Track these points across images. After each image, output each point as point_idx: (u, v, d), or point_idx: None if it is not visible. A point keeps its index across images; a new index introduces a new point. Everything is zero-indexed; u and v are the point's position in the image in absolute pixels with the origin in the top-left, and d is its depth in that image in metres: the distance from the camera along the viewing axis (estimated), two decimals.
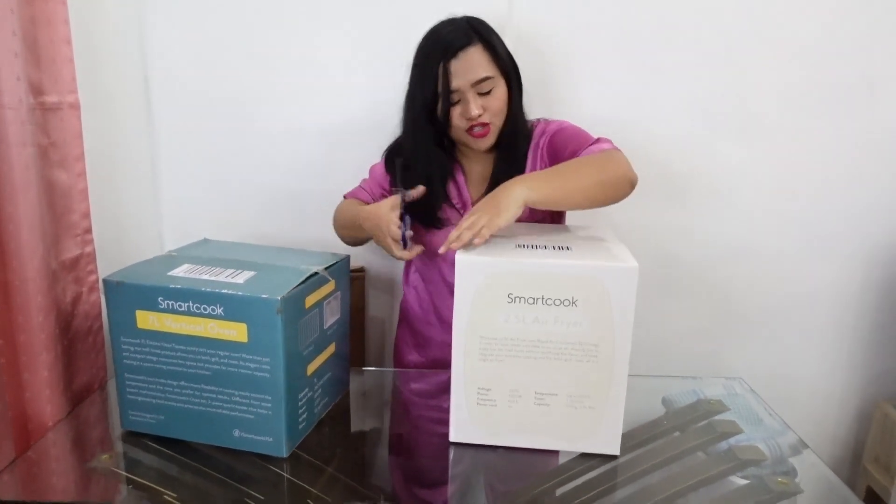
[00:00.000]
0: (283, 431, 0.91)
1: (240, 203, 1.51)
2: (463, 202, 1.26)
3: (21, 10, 1.01)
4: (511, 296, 0.88)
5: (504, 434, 0.93)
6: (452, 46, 1.12)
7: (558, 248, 0.93)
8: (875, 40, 1.41)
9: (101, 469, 0.89)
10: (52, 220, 1.10)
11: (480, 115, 1.14)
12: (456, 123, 1.16)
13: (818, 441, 1.62)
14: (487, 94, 1.15)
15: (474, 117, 1.14)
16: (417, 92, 1.17)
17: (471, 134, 1.16)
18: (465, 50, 1.13)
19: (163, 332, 0.90)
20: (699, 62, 1.42)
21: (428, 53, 1.15)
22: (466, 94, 1.13)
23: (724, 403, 1.08)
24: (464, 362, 0.91)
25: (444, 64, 1.12)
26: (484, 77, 1.13)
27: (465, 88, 1.13)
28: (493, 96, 1.15)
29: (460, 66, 1.12)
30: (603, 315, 0.88)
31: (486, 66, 1.14)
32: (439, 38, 1.14)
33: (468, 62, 1.13)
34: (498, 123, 1.18)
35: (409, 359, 1.35)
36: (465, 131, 1.17)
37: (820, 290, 1.55)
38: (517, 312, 0.88)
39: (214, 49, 1.42)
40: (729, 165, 1.48)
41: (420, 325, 1.33)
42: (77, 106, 1.16)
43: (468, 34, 1.14)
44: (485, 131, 1.16)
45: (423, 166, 1.21)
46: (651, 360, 1.56)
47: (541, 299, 0.87)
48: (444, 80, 1.12)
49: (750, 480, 0.89)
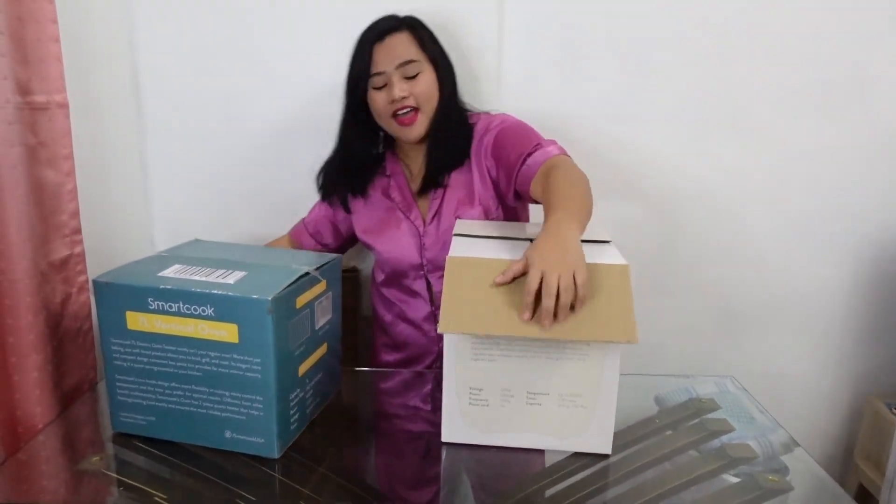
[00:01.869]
0: (275, 432, 0.90)
1: (231, 203, 1.50)
2: (406, 202, 1.26)
3: (8, 8, 1.00)
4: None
5: (496, 433, 0.93)
6: (379, 29, 1.16)
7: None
8: (867, 39, 1.41)
9: (92, 471, 0.89)
10: (40, 220, 1.09)
11: (405, 98, 1.14)
12: (381, 109, 1.17)
13: (809, 438, 1.63)
14: (413, 78, 1.15)
15: (397, 98, 1.14)
16: (347, 86, 1.20)
17: (397, 120, 1.17)
18: (392, 34, 1.16)
19: (153, 332, 0.90)
20: (691, 61, 1.42)
21: (358, 40, 1.18)
22: (391, 76, 1.14)
23: (715, 402, 1.09)
24: (455, 363, 0.91)
25: (370, 47, 1.15)
26: (409, 60, 1.15)
27: (390, 71, 1.14)
28: (420, 81, 1.16)
29: (385, 48, 1.15)
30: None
31: (413, 50, 1.16)
32: (370, 27, 1.18)
33: (393, 45, 1.15)
34: (428, 111, 1.17)
35: (387, 359, 1.35)
36: (391, 118, 1.17)
37: (810, 287, 1.56)
38: None
39: (205, 48, 1.41)
40: (720, 164, 1.48)
41: (391, 328, 1.33)
42: (65, 105, 1.15)
43: (397, 21, 1.18)
44: (412, 118, 1.16)
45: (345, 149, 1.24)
46: (643, 358, 1.56)
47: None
48: (366, 64, 1.15)
49: (741, 478, 0.89)
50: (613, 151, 1.47)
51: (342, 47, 1.42)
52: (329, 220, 1.35)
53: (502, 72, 1.43)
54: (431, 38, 1.20)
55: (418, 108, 1.16)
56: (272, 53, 1.42)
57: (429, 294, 1.26)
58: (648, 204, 1.50)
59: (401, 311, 1.30)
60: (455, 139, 1.21)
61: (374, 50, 1.14)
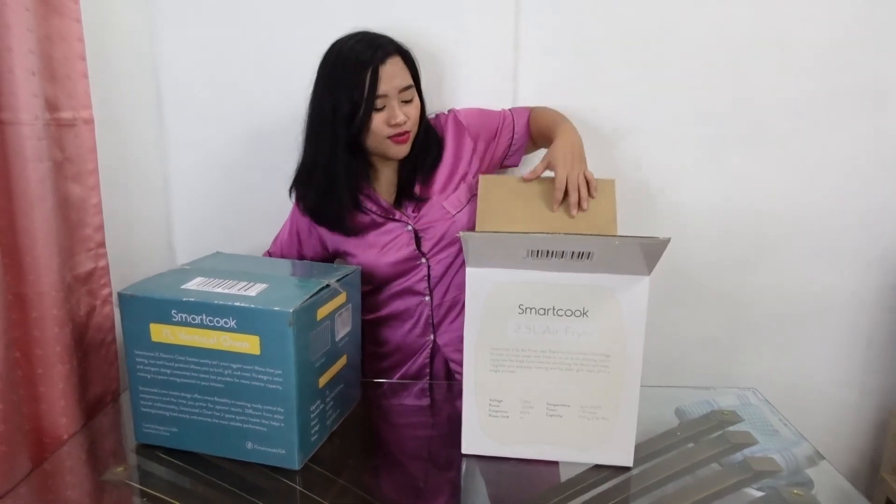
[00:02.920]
0: (296, 443, 0.91)
1: (252, 216, 1.51)
2: (382, 208, 1.26)
3: (37, 28, 1.03)
4: (522, 307, 0.88)
5: (516, 445, 0.93)
6: (381, 52, 1.15)
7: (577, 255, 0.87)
8: (883, 47, 1.40)
9: (116, 482, 0.90)
10: (66, 233, 1.12)
11: (405, 123, 1.17)
12: (377, 130, 1.17)
13: (834, 451, 1.60)
14: (408, 102, 1.19)
15: (400, 123, 1.16)
16: (335, 99, 1.16)
17: (392, 140, 1.18)
18: (392, 57, 1.16)
19: (176, 344, 0.91)
20: (707, 71, 1.42)
21: (353, 59, 1.15)
22: (392, 100, 1.16)
23: (737, 414, 1.08)
24: (475, 374, 0.91)
25: (373, 68, 1.14)
26: (407, 85, 1.17)
27: (392, 95, 1.16)
28: (413, 105, 1.19)
29: (388, 72, 1.15)
30: (614, 325, 0.88)
31: (407, 76, 1.18)
32: (366, 45, 1.16)
33: (395, 69, 1.16)
34: (414, 132, 1.22)
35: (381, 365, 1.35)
36: (385, 138, 1.18)
37: (833, 297, 1.54)
38: (528, 323, 0.88)
39: (226, 63, 1.43)
40: (739, 174, 1.47)
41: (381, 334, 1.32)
42: (91, 121, 1.17)
43: (392, 44, 1.18)
44: (405, 138, 1.19)
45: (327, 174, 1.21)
46: (663, 370, 1.55)
47: (552, 310, 0.87)
48: (372, 85, 1.14)
49: (765, 492, 0.88)
50: (630, 163, 1.46)
51: None
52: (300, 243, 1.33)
53: (518, 84, 1.43)
54: (415, 64, 1.22)
55: (409, 130, 1.20)
56: (293, 68, 1.43)
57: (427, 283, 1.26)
58: (667, 215, 1.49)
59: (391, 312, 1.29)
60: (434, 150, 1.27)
61: (378, 72, 1.14)
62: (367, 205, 1.26)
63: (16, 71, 0.98)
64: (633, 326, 0.87)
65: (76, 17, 1.12)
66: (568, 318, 0.88)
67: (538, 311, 0.88)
